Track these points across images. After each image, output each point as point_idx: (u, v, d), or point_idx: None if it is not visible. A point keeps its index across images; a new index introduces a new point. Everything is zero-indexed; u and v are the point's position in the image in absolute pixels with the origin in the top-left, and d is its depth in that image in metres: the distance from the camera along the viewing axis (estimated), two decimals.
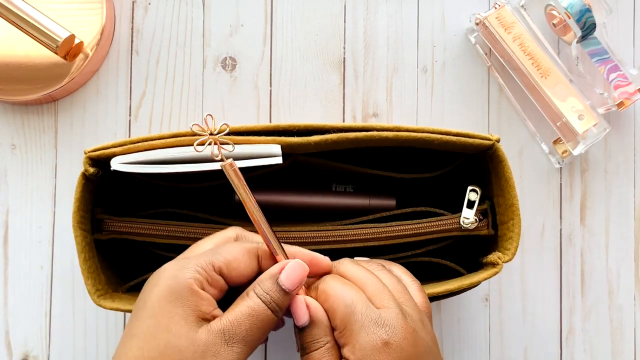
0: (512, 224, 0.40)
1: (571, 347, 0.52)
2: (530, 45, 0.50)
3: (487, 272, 0.40)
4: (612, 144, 0.53)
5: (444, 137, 0.39)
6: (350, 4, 0.53)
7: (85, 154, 0.39)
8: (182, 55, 0.52)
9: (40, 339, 0.51)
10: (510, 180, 0.40)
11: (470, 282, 0.39)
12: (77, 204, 0.39)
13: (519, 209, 0.40)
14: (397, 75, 0.53)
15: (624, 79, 0.50)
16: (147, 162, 0.38)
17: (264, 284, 0.33)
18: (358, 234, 0.41)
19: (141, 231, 0.41)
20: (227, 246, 0.34)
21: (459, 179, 0.45)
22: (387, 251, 0.43)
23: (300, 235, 0.41)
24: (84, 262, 0.40)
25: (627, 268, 0.52)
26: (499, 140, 0.40)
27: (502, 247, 0.41)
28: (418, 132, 0.39)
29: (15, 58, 0.49)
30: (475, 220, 0.41)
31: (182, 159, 0.38)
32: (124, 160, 0.38)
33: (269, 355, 0.51)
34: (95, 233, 0.42)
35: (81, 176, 0.39)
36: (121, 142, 0.39)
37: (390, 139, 0.39)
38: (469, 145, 0.40)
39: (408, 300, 0.34)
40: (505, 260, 0.40)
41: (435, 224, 0.41)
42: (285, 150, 0.39)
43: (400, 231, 0.41)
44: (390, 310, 0.32)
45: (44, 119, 0.52)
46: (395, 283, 0.35)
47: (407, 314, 0.33)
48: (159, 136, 0.39)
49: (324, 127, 0.39)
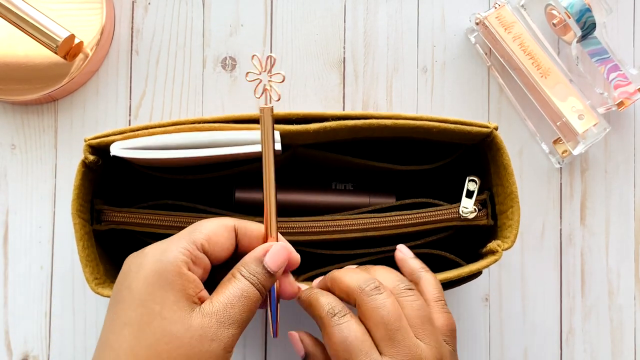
0: (511, 212, 0.40)
1: (571, 347, 0.52)
2: (530, 45, 0.50)
3: (487, 260, 0.39)
4: (612, 143, 0.53)
5: (442, 124, 0.39)
6: (350, 4, 0.53)
7: (85, 142, 0.39)
8: (182, 55, 0.52)
9: (40, 339, 0.51)
10: (508, 167, 0.40)
11: (469, 270, 0.39)
12: (76, 192, 0.39)
13: (517, 196, 0.40)
14: (397, 75, 0.53)
15: (624, 79, 0.50)
16: (147, 148, 0.38)
17: (249, 266, 0.33)
18: (357, 224, 0.41)
19: (140, 221, 0.41)
20: (204, 223, 0.34)
21: (458, 172, 0.45)
22: (386, 242, 0.43)
23: (299, 225, 0.41)
24: (82, 249, 0.40)
25: (627, 268, 0.52)
26: (497, 128, 0.40)
27: (502, 236, 0.41)
28: (416, 120, 0.39)
29: (15, 58, 0.49)
30: (475, 209, 0.41)
31: (183, 145, 0.38)
32: (123, 145, 0.38)
33: (269, 356, 0.51)
34: (95, 224, 0.42)
35: (81, 164, 0.39)
36: (121, 130, 0.39)
37: (389, 126, 0.39)
38: (467, 133, 0.40)
39: (427, 334, 0.34)
40: (505, 248, 0.40)
41: (434, 214, 0.41)
42: (284, 140, 0.39)
43: (399, 221, 0.41)
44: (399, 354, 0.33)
45: (43, 118, 0.52)
46: (421, 310, 0.35)
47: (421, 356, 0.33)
48: (159, 124, 0.39)
49: (322, 115, 0.39)
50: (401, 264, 0.39)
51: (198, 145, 0.38)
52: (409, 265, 0.39)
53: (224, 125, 0.39)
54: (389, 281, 0.36)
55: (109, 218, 0.42)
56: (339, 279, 0.36)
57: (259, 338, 0.51)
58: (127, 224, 0.42)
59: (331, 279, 0.37)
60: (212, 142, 0.38)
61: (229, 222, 0.34)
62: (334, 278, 0.36)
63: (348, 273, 0.36)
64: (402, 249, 0.40)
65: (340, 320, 0.34)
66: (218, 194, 0.48)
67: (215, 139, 0.38)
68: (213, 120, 0.39)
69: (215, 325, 0.31)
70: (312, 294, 0.36)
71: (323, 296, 0.35)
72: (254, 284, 0.33)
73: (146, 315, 0.30)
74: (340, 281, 0.36)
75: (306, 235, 0.41)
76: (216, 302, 0.32)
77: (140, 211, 0.42)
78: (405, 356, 0.33)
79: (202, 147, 0.38)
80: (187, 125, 0.39)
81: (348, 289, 0.35)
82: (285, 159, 0.43)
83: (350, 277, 0.36)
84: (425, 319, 0.34)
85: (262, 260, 0.33)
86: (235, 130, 0.39)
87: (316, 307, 0.35)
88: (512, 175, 0.40)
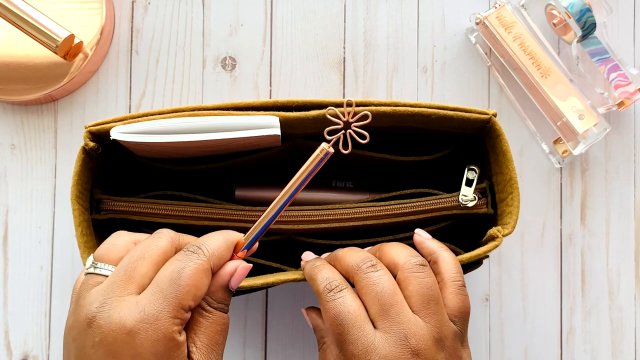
0: (510, 198, 0.40)
1: (571, 347, 0.52)
2: (531, 44, 0.50)
3: (487, 246, 0.39)
4: (612, 143, 0.53)
5: (441, 111, 0.39)
6: (350, 4, 0.53)
7: (85, 129, 0.40)
8: (182, 55, 0.52)
9: (40, 339, 0.51)
10: (507, 153, 0.40)
11: (469, 257, 0.39)
12: (75, 178, 0.40)
13: (517, 182, 0.40)
14: (397, 75, 0.53)
15: (624, 79, 0.50)
16: (147, 133, 0.38)
17: (217, 295, 0.32)
18: (357, 212, 0.41)
19: (140, 210, 0.41)
20: (190, 275, 0.31)
21: (458, 164, 0.45)
22: (386, 232, 0.43)
23: (299, 214, 0.41)
24: (80, 235, 0.40)
25: (628, 268, 0.52)
26: (496, 115, 0.40)
27: (502, 222, 0.41)
28: (415, 107, 0.39)
29: (15, 58, 0.49)
30: (474, 197, 0.41)
31: (183, 130, 0.38)
32: (124, 130, 0.38)
33: (269, 356, 0.51)
34: (94, 214, 0.42)
35: (81, 150, 0.40)
36: (121, 117, 0.40)
37: (388, 113, 0.39)
38: (466, 119, 0.40)
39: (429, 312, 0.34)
40: (505, 234, 0.40)
41: (434, 202, 0.41)
42: (284, 128, 0.39)
43: (399, 209, 0.41)
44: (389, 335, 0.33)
45: (43, 118, 0.52)
46: (427, 288, 0.35)
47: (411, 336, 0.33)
48: (159, 111, 0.39)
49: (322, 102, 0.39)
50: (420, 246, 0.39)
51: (198, 130, 0.38)
52: (428, 245, 0.38)
53: (224, 112, 0.39)
54: (400, 256, 0.36)
55: (108, 207, 0.42)
56: (341, 257, 0.37)
57: (259, 338, 0.51)
58: (127, 213, 0.42)
59: (334, 257, 0.37)
60: (213, 127, 0.38)
61: (207, 267, 0.32)
62: (336, 256, 0.37)
63: (349, 252, 0.37)
64: (420, 232, 0.40)
65: (336, 295, 0.34)
66: (218, 186, 0.48)
67: (216, 123, 0.38)
68: (213, 108, 0.39)
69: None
70: (314, 266, 0.37)
71: (323, 270, 0.36)
72: (224, 310, 0.32)
73: None
74: (341, 259, 0.36)
75: (305, 224, 0.41)
76: (202, 348, 0.31)
77: (140, 200, 0.42)
78: (398, 331, 0.33)
79: (202, 132, 0.38)
80: (187, 112, 0.39)
81: (347, 266, 0.36)
82: (285, 153, 0.43)
83: (350, 255, 0.36)
84: (431, 297, 0.34)
85: (228, 285, 0.33)
86: (234, 116, 0.39)
87: (314, 282, 0.36)
88: (512, 162, 0.40)
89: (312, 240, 0.43)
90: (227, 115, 0.39)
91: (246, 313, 0.51)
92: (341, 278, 0.35)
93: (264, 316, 0.51)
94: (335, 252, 0.38)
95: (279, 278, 0.39)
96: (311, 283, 0.36)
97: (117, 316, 0.29)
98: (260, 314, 0.51)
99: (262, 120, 0.38)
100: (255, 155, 0.42)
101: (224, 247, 0.33)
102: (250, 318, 0.51)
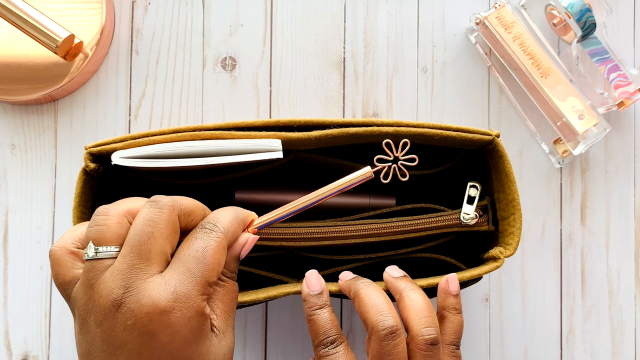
0: (513, 219, 0.40)
1: (571, 347, 0.52)
2: (531, 45, 0.50)
3: (489, 266, 0.40)
4: (612, 143, 0.53)
5: (444, 132, 0.40)
6: (350, 4, 0.53)
7: (86, 150, 0.39)
8: (182, 55, 0.52)
9: (40, 339, 0.51)
10: (510, 175, 0.40)
11: (470, 275, 0.39)
12: (77, 200, 0.40)
13: (519, 203, 0.40)
14: (397, 75, 0.53)
15: (624, 79, 0.50)
16: (149, 157, 0.39)
17: (230, 265, 0.34)
18: (358, 230, 0.41)
19: None
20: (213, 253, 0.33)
21: (459, 177, 0.45)
22: (387, 247, 0.43)
23: (300, 231, 0.41)
24: None
25: (628, 268, 0.52)
26: (499, 135, 0.40)
27: (504, 242, 0.41)
28: (418, 128, 0.39)
29: (15, 58, 0.49)
30: (476, 215, 0.41)
31: (184, 154, 0.39)
32: (125, 154, 0.39)
33: (269, 356, 0.51)
34: None
35: (82, 172, 0.39)
36: (122, 137, 0.39)
37: (391, 134, 0.39)
38: (469, 140, 0.40)
39: None
40: (507, 255, 0.40)
41: (435, 220, 0.41)
42: (285, 146, 0.39)
43: (400, 227, 0.41)
44: None
45: (43, 118, 0.52)
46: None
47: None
48: (160, 132, 0.39)
49: (324, 122, 0.39)
50: (389, 286, 0.39)
51: (200, 154, 0.38)
52: (447, 301, 0.39)
53: (225, 133, 0.39)
54: (370, 317, 0.36)
55: None
56: (362, 300, 0.37)
57: (259, 338, 0.51)
58: None
59: (355, 294, 0.38)
60: (214, 151, 0.39)
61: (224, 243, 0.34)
62: (358, 295, 0.37)
63: (371, 297, 0.37)
64: (390, 272, 0.40)
65: (330, 351, 0.36)
66: (218, 196, 0.48)
67: (218, 147, 0.39)
68: (214, 128, 0.39)
69: (231, 333, 0.33)
70: (314, 311, 0.37)
71: (322, 319, 0.37)
72: (235, 278, 0.34)
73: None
74: (361, 304, 0.37)
75: (307, 241, 0.41)
76: (220, 314, 0.33)
77: None
78: None
79: (202, 156, 0.38)
80: (188, 132, 0.39)
81: (366, 319, 0.36)
82: (286, 163, 0.43)
83: (372, 305, 0.36)
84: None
85: (239, 256, 0.35)
86: (236, 139, 0.39)
87: (312, 330, 0.37)
88: (514, 183, 0.40)
89: (314, 255, 0.43)
90: (229, 138, 0.39)
91: (246, 313, 0.51)
92: (339, 332, 0.37)
93: (264, 316, 0.51)
94: (355, 287, 0.38)
95: (281, 291, 0.39)
96: (308, 326, 0.38)
97: (148, 298, 0.30)
98: (260, 314, 0.51)
99: (264, 143, 0.39)
100: (256, 169, 0.42)
101: (236, 223, 0.34)
102: (250, 318, 0.51)
